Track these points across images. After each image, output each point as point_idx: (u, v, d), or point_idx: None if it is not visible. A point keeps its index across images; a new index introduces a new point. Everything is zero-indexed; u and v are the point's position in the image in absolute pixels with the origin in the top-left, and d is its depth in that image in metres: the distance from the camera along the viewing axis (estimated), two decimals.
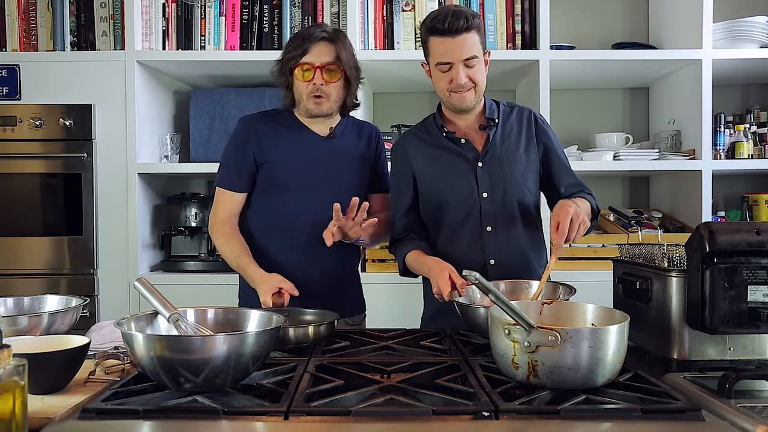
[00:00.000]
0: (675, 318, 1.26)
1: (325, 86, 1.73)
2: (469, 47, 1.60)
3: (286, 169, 1.77)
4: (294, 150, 1.78)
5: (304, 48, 1.72)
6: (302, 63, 1.72)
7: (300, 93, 1.76)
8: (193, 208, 2.76)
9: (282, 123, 1.82)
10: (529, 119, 1.78)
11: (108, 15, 2.70)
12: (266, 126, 1.81)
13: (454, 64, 1.62)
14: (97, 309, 2.58)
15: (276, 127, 1.81)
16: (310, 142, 1.80)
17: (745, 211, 2.93)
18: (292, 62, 1.73)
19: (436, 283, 1.52)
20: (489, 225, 1.70)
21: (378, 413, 0.95)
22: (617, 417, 0.94)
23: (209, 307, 1.26)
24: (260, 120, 1.83)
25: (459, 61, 1.61)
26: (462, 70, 1.62)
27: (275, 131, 1.80)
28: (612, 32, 3.14)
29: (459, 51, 1.60)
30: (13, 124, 2.56)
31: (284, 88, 1.80)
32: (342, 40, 1.75)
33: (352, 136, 1.87)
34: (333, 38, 1.74)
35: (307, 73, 1.72)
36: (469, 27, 1.59)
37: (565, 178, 1.77)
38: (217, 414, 0.95)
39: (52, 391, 1.10)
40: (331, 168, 1.80)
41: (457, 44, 1.60)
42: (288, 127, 1.82)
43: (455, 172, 1.72)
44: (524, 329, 1.03)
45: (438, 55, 1.63)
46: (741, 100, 3.16)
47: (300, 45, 1.72)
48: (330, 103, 1.76)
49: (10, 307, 1.46)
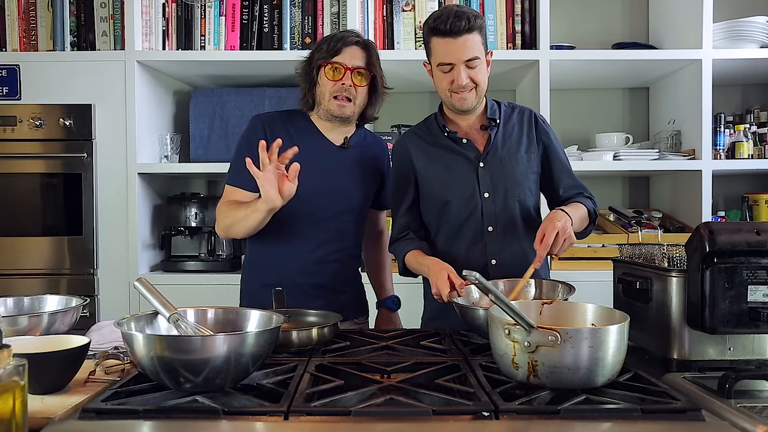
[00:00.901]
0: (675, 318, 1.26)
1: (352, 88, 1.71)
2: (471, 48, 1.60)
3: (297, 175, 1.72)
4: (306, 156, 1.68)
5: (337, 48, 1.70)
6: (333, 62, 1.70)
7: (323, 93, 1.73)
8: (193, 208, 2.76)
9: (297, 126, 1.79)
10: (529, 119, 1.78)
11: (108, 15, 2.70)
12: (281, 126, 1.77)
13: (456, 65, 1.62)
14: (97, 309, 2.58)
15: (291, 130, 1.77)
16: (323, 151, 1.77)
17: (745, 211, 2.93)
18: (321, 60, 1.71)
19: (435, 283, 1.52)
20: (490, 225, 1.70)
21: (378, 413, 0.95)
22: (617, 417, 0.94)
23: (209, 307, 1.26)
24: (276, 119, 1.80)
25: (460, 62, 1.61)
26: (463, 71, 1.62)
27: (290, 134, 1.75)
28: (612, 32, 3.14)
29: (461, 52, 1.60)
30: (13, 124, 2.56)
31: (306, 88, 1.77)
32: (374, 50, 1.77)
33: (365, 149, 1.85)
34: (366, 45, 1.75)
35: (336, 72, 1.70)
36: (471, 28, 1.59)
37: (565, 179, 1.77)
38: (217, 414, 0.95)
39: (52, 391, 1.10)
40: (341, 179, 1.77)
41: (459, 45, 1.59)
42: (303, 131, 1.78)
43: (457, 171, 1.72)
44: (524, 329, 1.03)
45: (440, 55, 1.63)
46: (741, 100, 3.16)
47: (333, 45, 1.71)
48: (354, 107, 1.74)
49: (10, 307, 1.45)
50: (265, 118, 1.80)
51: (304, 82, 1.77)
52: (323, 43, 1.74)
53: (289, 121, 1.80)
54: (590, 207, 1.72)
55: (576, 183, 1.78)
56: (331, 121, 1.77)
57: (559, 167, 1.77)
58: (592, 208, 1.73)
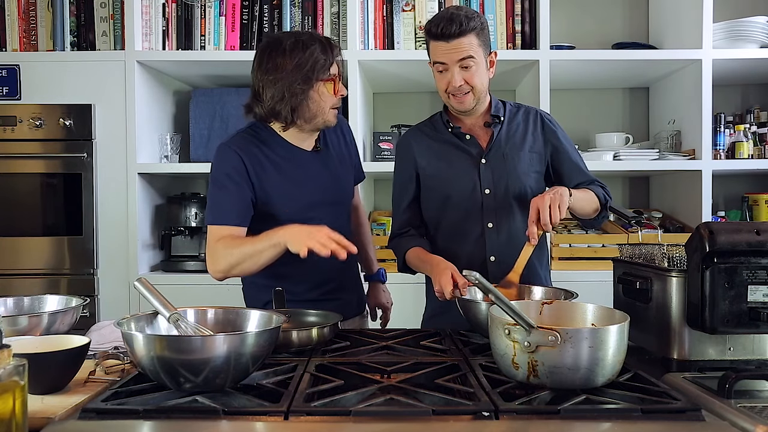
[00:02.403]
0: (675, 318, 1.26)
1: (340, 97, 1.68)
2: (463, 50, 1.61)
3: (284, 202, 1.64)
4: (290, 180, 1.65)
5: (330, 62, 1.60)
6: (332, 76, 1.61)
7: (322, 107, 1.61)
8: (193, 208, 2.76)
9: (269, 146, 1.66)
10: (535, 119, 1.78)
11: (108, 15, 2.70)
12: (255, 152, 1.63)
13: (449, 65, 1.63)
14: (97, 309, 2.58)
15: (268, 154, 1.64)
16: (302, 165, 1.68)
17: (745, 211, 2.93)
18: (323, 76, 1.58)
19: (438, 281, 1.52)
20: (490, 222, 1.71)
21: (378, 413, 0.95)
22: (617, 417, 0.94)
23: (209, 307, 1.26)
24: (246, 145, 1.63)
25: (453, 63, 1.62)
26: (457, 73, 1.62)
27: (269, 159, 1.64)
28: (612, 32, 3.14)
29: (453, 53, 1.61)
30: (13, 124, 2.56)
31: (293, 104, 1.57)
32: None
33: (330, 138, 1.78)
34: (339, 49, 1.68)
35: (331, 85, 1.62)
36: (463, 31, 1.59)
37: (577, 177, 1.75)
38: (217, 414, 0.95)
39: (52, 391, 1.10)
40: (325, 182, 1.72)
41: (451, 47, 1.61)
42: (279, 154, 1.66)
43: (458, 167, 1.73)
44: (524, 329, 1.03)
45: (434, 56, 1.66)
46: (741, 100, 3.16)
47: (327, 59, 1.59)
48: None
49: (10, 307, 1.46)
50: (237, 146, 1.62)
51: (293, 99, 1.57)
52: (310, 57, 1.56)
53: (260, 144, 1.65)
54: (600, 193, 1.69)
55: (588, 179, 1.75)
56: (312, 132, 1.69)
57: (569, 167, 1.76)
58: (603, 194, 1.70)
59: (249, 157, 1.61)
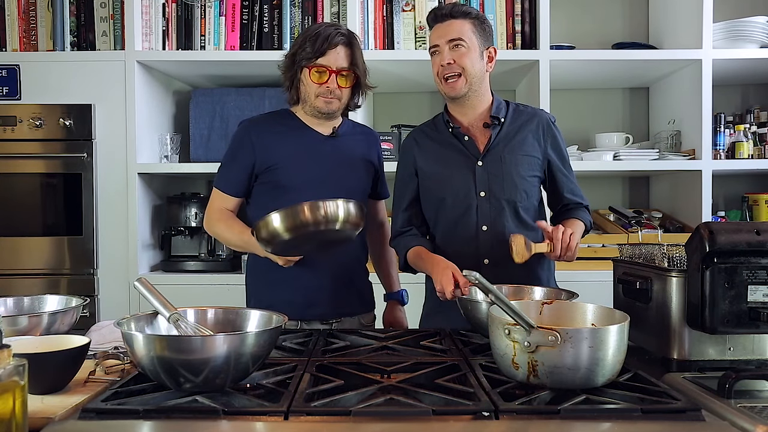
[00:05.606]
0: (675, 318, 1.26)
1: (337, 90, 1.72)
2: (455, 31, 1.66)
3: (290, 170, 1.74)
4: (297, 150, 1.76)
5: (322, 50, 1.68)
6: (318, 65, 1.69)
7: (308, 92, 1.73)
8: (193, 208, 2.76)
9: (283, 123, 1.80)
10: (540, 123, 1.77)
11: (108, 15, 2.70)
12: (267, 128, 1.78)
13: (441, 46, 1.67)
14: (97, 309, 2.58)
15: (277, 128, 1.78)
16: (313, 142, 1.78)
17: (745, 211, 2.93)
18: (306, 62, 1.70)
19: (439, 281, 1.52)
20: (485, 224, 1.70)
21: (378, 413, 0.95)
22: (617, 417, 0.94)
23: (209, 307, 1.26)
24: (260, 122, 1.81)
25: (444, 42, 1.67)
26: (447, 52, 1.66)
27: (277, 132, 1.77)
28: (612, 32, 3.14)
29: (445, 34, 1.67)
30: (13, 124, 2.56)
31: (288, 85, 1.77)
32: (357, 44, 1.75)
33: (355, 138, 1.86)
34: (349, 42, 1.72)
35: (321, 75, 1.70)
36: (455, 14, 1.67)
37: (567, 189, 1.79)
38: (217, 414, 0.95)
39: (52, 391, 1.10)
40: (335, 167, 1.78)
41: (443, 28, 1.68)
42: (290, 127, 1.79)
43: (454, 168, 1.73)
44: (524, 329, 1.03)
45: (430, 41, 1.71)
46: (741, 100, 3.16)
47: (318, 46, 1.68)
48: (339, 103, 1.75)
49: (10, 307, 1.45)
50: (251, 123, 1.81)
51: (287, 78, 1.77)
52: (307, 41, 1.70)
53: (274, 120, 1.81)
54: (587, 221, 1.76)
55: (577, 193, 1.80)
56: (318, 117, 1.78)
57: (562, 180, 1.79)
58: (588, 221, 1.77)
59: (256, 127, 1.79)
